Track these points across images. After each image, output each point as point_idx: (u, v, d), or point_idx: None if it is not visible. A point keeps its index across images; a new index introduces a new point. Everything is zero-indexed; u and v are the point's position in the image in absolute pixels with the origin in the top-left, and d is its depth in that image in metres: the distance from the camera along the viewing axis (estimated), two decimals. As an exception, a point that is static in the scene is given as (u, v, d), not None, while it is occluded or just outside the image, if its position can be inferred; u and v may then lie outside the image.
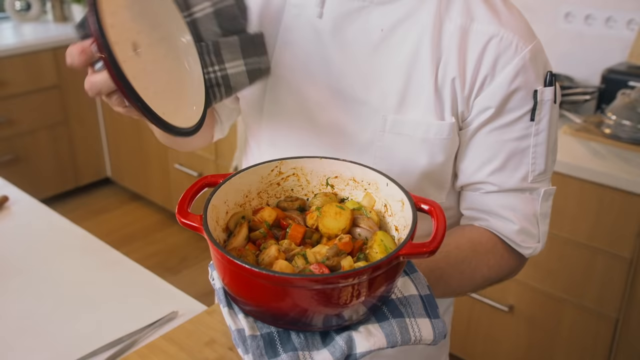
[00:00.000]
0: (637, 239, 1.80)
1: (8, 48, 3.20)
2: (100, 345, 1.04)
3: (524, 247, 0.94)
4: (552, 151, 0.94)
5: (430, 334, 0.73)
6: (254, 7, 0.99)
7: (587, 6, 2.32)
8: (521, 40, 0.87)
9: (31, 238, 1.38)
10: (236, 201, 0.80)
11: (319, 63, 0.94)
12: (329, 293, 0.65)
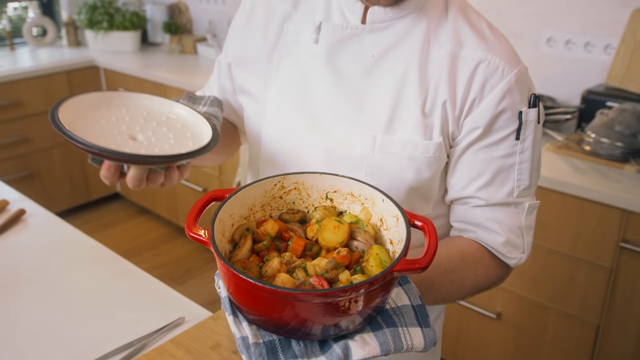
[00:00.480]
0: (616, 249, 1.79)
1: (25, 71, 3.21)
2: (112, 349, 1.03)
3: (510, 257, 0.94)
4: (536, 168, 0.94)
5: (422, 342, 0.73)
6: (255, 31, 1.00)
7: (567, 32, 2.33)
8: (507, 65, 0.87)
9: (46, 249, 1.37)
10: (241, 214, 0.80)
11: (314, 85, 0.94)
12: (328, 305, 0.66)
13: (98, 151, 0.76)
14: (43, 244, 1.39)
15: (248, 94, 1.02)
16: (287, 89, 0.96)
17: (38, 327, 1.10)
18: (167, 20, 3.77)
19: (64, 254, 1.36)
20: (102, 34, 3.58)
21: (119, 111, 0.88)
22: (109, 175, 0.82)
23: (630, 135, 1.91)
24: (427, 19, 0.89)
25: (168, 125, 0.89)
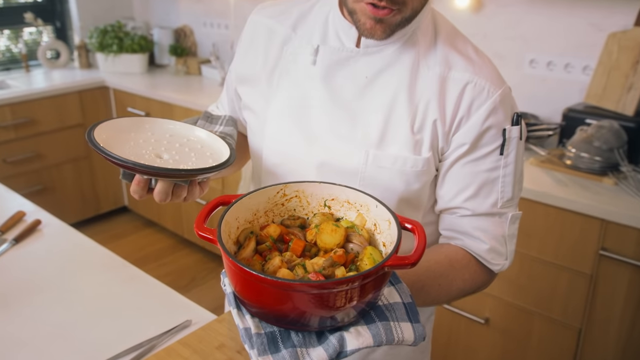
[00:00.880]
0: (596, 257, 1.80)
1: (39, 91, 3.23)
2: (123, 349, 1.04)
3: (493, 264, 0.95)
4: (518, 181, 0.95)
5: (411, 336, 0.74)
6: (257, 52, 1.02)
7: (548, 54, 2.35)
8: (492, 86, 0.89)
9: (60, 256, 1.39)
10: (246, 218, 0.82)
11: (312, 104, 0.95)
12: (324, 298, 0.68)
13: (132, 165, 0.79)
14: (57, 252, 1.40)
15: (251, 110, 1.04)
16: (287, 107, 0.98)
17: (54, 329, 1.11)
18: (173, 44, 3.80)
19: (77, 261, 1.37)
20: (112, 56, 3.61)
21: (145, 134, 0.92)
22: (139, 189, 0.85)
23: (607, 150, 1.93)
24: (417, 43, 0.91)
25: (189, 146, 0.93)
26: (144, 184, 0.85)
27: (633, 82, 2.06)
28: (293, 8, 1.01)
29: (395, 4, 0.80)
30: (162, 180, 0.84)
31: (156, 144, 0.91)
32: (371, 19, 0.82)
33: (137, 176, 0.85)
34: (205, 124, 1.07)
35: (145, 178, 0.85)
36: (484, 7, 2.47)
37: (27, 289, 1.24)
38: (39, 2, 3.82)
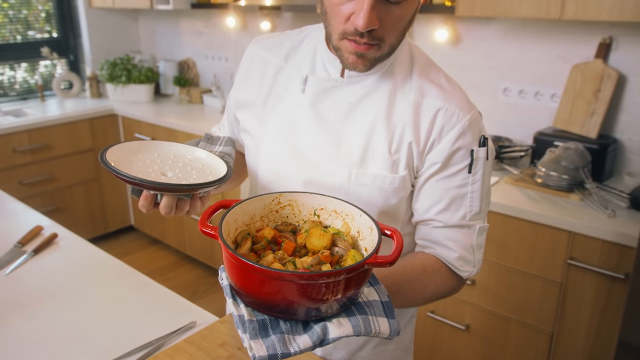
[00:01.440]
0: (564, 266, 1.85)
1: (54, 119, 3.29)
2: (134, 347, 1.09)
3: (462, 270, 0.98)
4: (485, 196, 0.98)
5: (387, 330, 0.78)
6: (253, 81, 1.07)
7: (520, 83, 2.41)
8: (461, 112, 0.93)
9: (75, 266, 1.43)
10: (244, 221, 0.87)
11: (301, 128, 1.00)
12: (311, 289, 0.72)
13: (140, 182, 0.84)
14: (72, 262, 1.45)
15: (248, 133, 1.08)
16: (279, 130, 1.02)
17: (69, 330, 1.16)
18: (177, 75, 3.88)
19: (90, 270, 1.42)
20: (121, 86, 3.68)
21: (151, 155, 0.96)
22: (146, 204, 0.89)
23: (574, 169, 1.99)
24: (395, 73, 0.96)
25: (191, 165, 0.97)
26: (150, 199, 0.89)
27: (595, 108, 2.14)
28: (286, 41, 1.06)
29: (374, 39, 0.85)
30: (167, 195, 0.89)
31: (161, 163, 0.96)
32: (353, 55, 0.87)
33: (144, 192, 0.90)
34: (206, 144, 1.12)
35: (151, 193, 0.90)
36: (461, 41, 2.56)
37: (44, 295, 1.28)
38: (54, 38, 3.90)
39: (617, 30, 2.11)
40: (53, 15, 3.87)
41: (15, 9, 3.67)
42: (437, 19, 2.58)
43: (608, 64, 2.15)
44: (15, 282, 1.34)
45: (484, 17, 2.43)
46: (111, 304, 1.26)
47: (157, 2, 3.42)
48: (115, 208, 3.75)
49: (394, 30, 0.87)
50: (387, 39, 0.87)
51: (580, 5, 1.86)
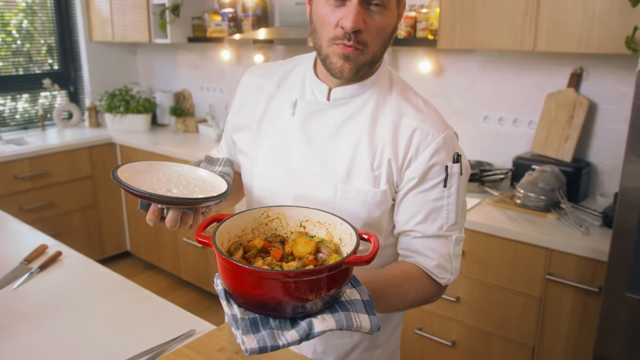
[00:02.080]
0: (543, 281, 1.93)
1: (54, 146, 3.38)
2: (137, 353, 1.15)
3: (440, 277, 1.05)
4: (461, 209, 1.06)
5: (368, 324, 0.85)
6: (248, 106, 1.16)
7: (499, 111, 2.53)
8: (436, 131, 1.02)
9: (79, 281, 1.50)
10: (236, 233, 0.95)
11: (291, 147, 1.08)
12: (295, 287, 0.79)
13: (149, 196, 0.92)
14: (76, 278, 1.52)
15: (244, 153, 1.17)
16: (272, 150, 1.11)
17: (76, 339, 1.22)
18: (173, 105, 3.98)
19: (94, 284, 1.49)
20: (119, 116, 3.79)
21: (157, 175, 1.05)
22: (153, 217, 0.96)
23: (550, 190, 2.10)
24: (376, 96, 1.05)
25: (194, 183, 1.06)
26: (157, 213, 0.97)
27: (569, 133, 2.27)
28: (277, 69, 1.17)
29: (359, 43, 0.96)
30: (173, 209, 0.96)
31: (167, 181, 1.04)
32: (341, 58, 0.97)
33: (152, 206, 0.97)
34: (207, 165, 1.21)
35: (159, 207, 0.98)
36: (444, 72, 2.70)
37: (50, 307, 1.35)
38: (55, 70, 4.03)
39: (587, 61, 2.25)
40: (55, 49, 3.99)
41: (18, 43, 3.80)
42: (421, 52, 2.73)
43: (580, 92, 2.28)
44: (22, 296, 1.41)
45: (464, 50, 2.57)
46: (114, 315, 1.33)
47: (155, 36, 3.56)
48: (112, 234, 3.80)
49: (376, 37, 0.97)
50: (371, 45, 0.97)
51: (551, 38, 2.00)
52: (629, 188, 1.55)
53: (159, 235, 3.58)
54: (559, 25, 1.97)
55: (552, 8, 1.97)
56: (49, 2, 3.90)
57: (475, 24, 2.18)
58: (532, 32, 2.03)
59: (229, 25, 3.31)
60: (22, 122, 3.88)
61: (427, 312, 2.27)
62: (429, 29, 2.49)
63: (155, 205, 0.98)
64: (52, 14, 3.93)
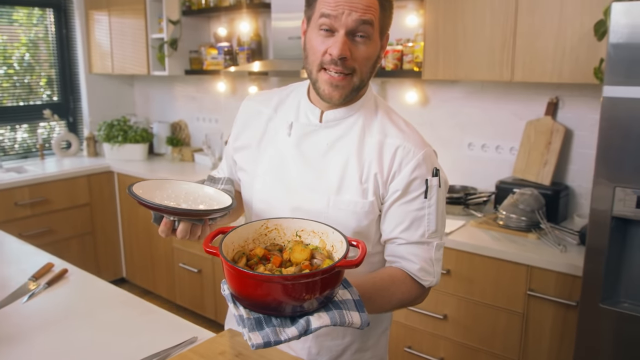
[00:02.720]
0: (525, 297, 2.02)
1: (53, 174, 3.47)
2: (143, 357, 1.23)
3: (424, 280, 1.15)
4: (440, 218, 1.16)
5: (359, 321, 0.95)
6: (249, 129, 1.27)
7: (482, 139, 2.67)
8: (416, 149, 1.13)
9: (85, 295, 1.58)
10: (239, 243, 1.04)
11: (288, 165, 1.19)
12: (294, 289, 0.89)
13: (164, 208, 1.03)
14: (83, 293, 1.60)
15: (244, 170, 1.28)
16: (270, 167, 1.21)
17: (85, 345, 1.29)
18: (169, 136, 4.09)
19: (100, 298, 1.56)
20: (118, 146, 3.90)
21: (167, 191, 1.15)
22: (166, 229, 1.06)
23: (530, 212, 2.21)
24: (363, 118, 1.17)
25: (201, 198, 1.16)
26: (169, 224, 1.07)
27: (547, 158, 2.40)
28: (274, 96, 1.28)
29: (347, 69, 1.07)
30: (183, 221, 1.06)
31: (176, 198, 1.15)
32: (330, 86, 1.09)
33: (164, 218, 1.07)
34: (210, 183, 1.31)
35: (171, 220, 1.08)
36: (429, 102, 2.84)
37: (60, 318, 1.43)
38: (54, 101, 4.15)
39: (562, 91, 2.41)
40: (55, 81, 4.12)
41: (19, 75, 3.93)
42: (407, 83, 2.88)
43: (556, 120, 2.43)
44: (32, 309, 1.48)
45: (448, 81, 2.72)
46: (120, 325, 1.40)
47: (153, 69, 3.70)
48: (109, 260, 3.85)
49: (362, 65, 1.09)
50: (357, 71, 1.09)
51: (526, 70, 2.15)
52: (598, 209, 1.67)
53: (154, 261, 3.64)
54: (533, 57, 2.12)
55: (527, 42, 2.13)
56: (51, 36, 4.05)
57: (457, 56, 2.33)
58: (510, 64, 2.18)
59: (225, 59, 3.47)
60: (21, 152, 3.97)
61: (417, 330, 2.35)
62: (415, 62, 2.64)
63: (167, 217, 1.08)
64: (53, 48, 4.07)
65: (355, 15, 1.05)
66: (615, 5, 1.54)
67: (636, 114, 1.54)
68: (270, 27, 3.37)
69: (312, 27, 1.11)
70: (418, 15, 2.72)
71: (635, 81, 1.53)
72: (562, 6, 2.03)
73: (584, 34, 1.97)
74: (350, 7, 1.05)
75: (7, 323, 1.40)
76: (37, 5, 3.92)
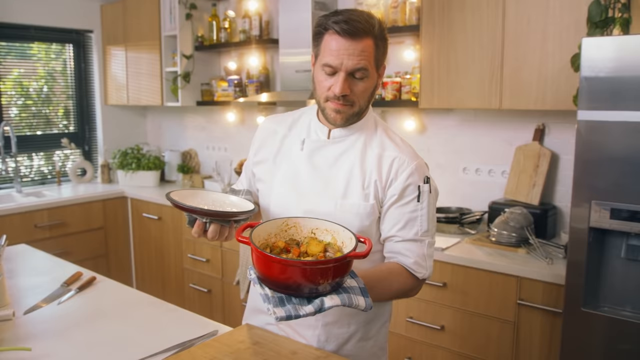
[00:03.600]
0: (515, 306, 2.17)
1: (70, 199, 3.66)
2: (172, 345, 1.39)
3: (418, 272, 1.33)
4: (431, 219, 1.35)
5: (364, 304, 1.13)
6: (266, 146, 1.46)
7: (476, 163, 2.86)
8: (410, 160, 1.33)
9: (114, 298, 1.74)
10: (263, 237, 1.22)
11: (301, 175, 1.38)
12: (311, 273, 1.06)
13: (199, 210, 1.21)
14: (111, 296, 1.76)
15: (262, 181, 1.47)
16: (285, 177, 1.40)
17: (118, 338, 1.45)
18: (180, 163, 4.29)
19: (127, 300, 1.73)
20: (131, 172, 4.09)
21: (197, 199, 1.34)
22: (199, 230, 1.25)
23: (520, 228, 2.39)
24: (365, 135, 1.37)
25: (227, 205, 1.35)
26: (202, 226, 1.25)
27: (536, 181, 2.59)
28: (288, 117, 1.49)
29: (347, 102, 1.28)
30: (214, 223, 1.25)
31: (205, 204, 1.34)
32: (334, 112, 1.30)
33: (197, 221, 1.26)
34: (233, 194, 1.51)
35: (203, 221, 1.26)
36: (427, 129, 3.05)
37: (92, 316, 1.59)
38: (71, 131, 4.37)
39: (548, 118, 2.62)
40: (72, 112, 4.35)
41: (37, 106, 4.15)
42: (406, 112, 3.09)
43: (543, 145, 2.63)
44: (67, 309, 1.65)
45: (443, 109, 2.93)
46: (147, 321, 1.57)
47: (167, 100, 3.94)
48: (121, 281, 3.85)
49: (361, 97, 1.30)
50: (357, 102, 1.30)
51: (513, 98, 2.36)
52: (576, 227, 1.84)
53: (165, 282, 3.78)
54: (519, 87, 2.34)
55: (513, 73, 2.35)
56: (69, 70, 4.30)
57: (450, 87, 2.55)
58: (498, 93, 2.40)
59: (235, 90, 3.70)
60: (37, 179, 4.17)
61: (416, 342, 2.49)
62: (412, 92, 2.86)
63: (200, 219, 1.26)
64: (71, 80, 4.32)
65: (353, 61, 1.25)
66: (585, 41, 1.76)
67: (607, 135, 1.74)
68: (277, 61, 3.61)
69: (317, 66, 1.32)
70: (415, 50, 2.96)
71: (604, 106, 1.73)
72: (543, 42, 2.26)
73: (563, 66, 2.19)
74: (348, 54, 1.25)
75: (45, 321, 1.57)
76: (57, 41, 4.18)
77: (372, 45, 1.27)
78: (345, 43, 1.24)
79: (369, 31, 1.25)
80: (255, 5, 3.62)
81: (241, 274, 3.17)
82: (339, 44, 1.24)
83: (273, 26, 3.62)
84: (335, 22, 1.24)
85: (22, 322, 1.56)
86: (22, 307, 1.65)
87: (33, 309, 1.65)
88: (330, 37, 1.26)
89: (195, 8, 3.79)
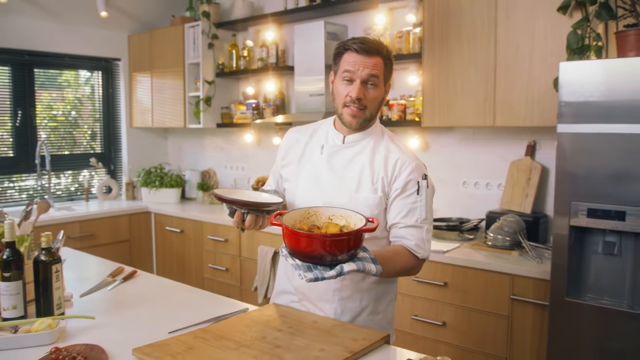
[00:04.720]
0: (509, 301, 2.41)
1: (99, 212, 3.96)
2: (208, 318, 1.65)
3: (419, 252, 1.58)
4: (429, 210, 1.61)
5: (374, 269, 1.38)
6: (290, 152, 1.74)
7: (475, 177, 3.13)
8: (411, 160, 1.61)
9: (155, 286, 2.01)
10: (290, 222, 1.48)
11: (321, 174, 1.66)
12: (331, 245, 1.32)
13: (239, 201, 1.49)
14: (152, 285, 2.03)
15: (289, 181, 1.75)
16: (308, 177, 1.68)
17: (162, 315, 1.71)
18: (200, 182, 4.59)
19: (166, 288, 1.99)
20: (154, 190, 4.39)
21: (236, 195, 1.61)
22: (238, 220, 1.52)
23: (513, 233, 2.63)
24: (373, 140, 1.65)
25: (261, 199, 1.61)
26: (240, 216, 1.52)
27: (528, 192, 2.85)
28: (309, 128, 1.78)
29: (361, 106, 1.56)
30: (251, 214, 1.52)
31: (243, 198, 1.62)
32: (350, 116, 1.58)
33: (237, 212, 1.53)
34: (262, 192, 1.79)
35: (242, 212, 1.53)
36: (429, 147, 3.34)
37: (138, 300, 1.86)
38: (97, 152, 4.69)
39: (538, 135, 2.89)
40: (98, 134, 4.68)
41: (66, 128, 4.48)
42: (411, 131, 3.39)
43: (535, 159, 2.90)
44: (116, 294, 1.92)
45: (444, 128, 3.22)
46: (186, 303, 1.83)
47: (189, 122, 4.26)
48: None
49: (372, 104, 1.59)
50: (369, 107, 1.59)
51: (505, 116, 2.65)
52: (558, 234, 2.10)
53: (185, 291, 4.01)
54: (510, 106, 2.63)
55: (504, 94, 2.64)
56: (97, 95, 4.64)
57: (449, 107, 2.84)
58: (492, 112, 2.69)
59: (253, 113, 4.01)
60: (65, 196, 4.47)
61: (420, 337, 2.72)
62: (416, 113, 3.16)
63: (239, 210, 1.53)
64: (99, 105, 4.66)
65: (367, 70, 1.56)
66: (562, 65, 2.05)
67: (582, 144, 2.01)
68: (292, 86, 3.94)
69: (337, 78, 1.62)
70: (418, 75, 3.27)
71: (580, 119, 2.01)
72: (530, 67, 2.55)
73: (547, 87, 2.48)
74: (363, 65, 1.55)
75: (99, 301, 1.84)
76: (88, 69, 4.54)
77: (382, 62, 1.58)
78: (361, 57, 1.55)
79: (379, 51, 1.57)
80: (272, 35, 3.96)
81: (259, 280, 3.41)
82: (356, 58, 1.55)
83: (289, 54, 3.96)
84: (353, 43, 1.56)
85: (79, 303, 1.83)
86: (76, 293, 1.92)
87: (88, 292, 1.92)
88: (348, 54, 1.57)
89: (216, 38, 4.14)
